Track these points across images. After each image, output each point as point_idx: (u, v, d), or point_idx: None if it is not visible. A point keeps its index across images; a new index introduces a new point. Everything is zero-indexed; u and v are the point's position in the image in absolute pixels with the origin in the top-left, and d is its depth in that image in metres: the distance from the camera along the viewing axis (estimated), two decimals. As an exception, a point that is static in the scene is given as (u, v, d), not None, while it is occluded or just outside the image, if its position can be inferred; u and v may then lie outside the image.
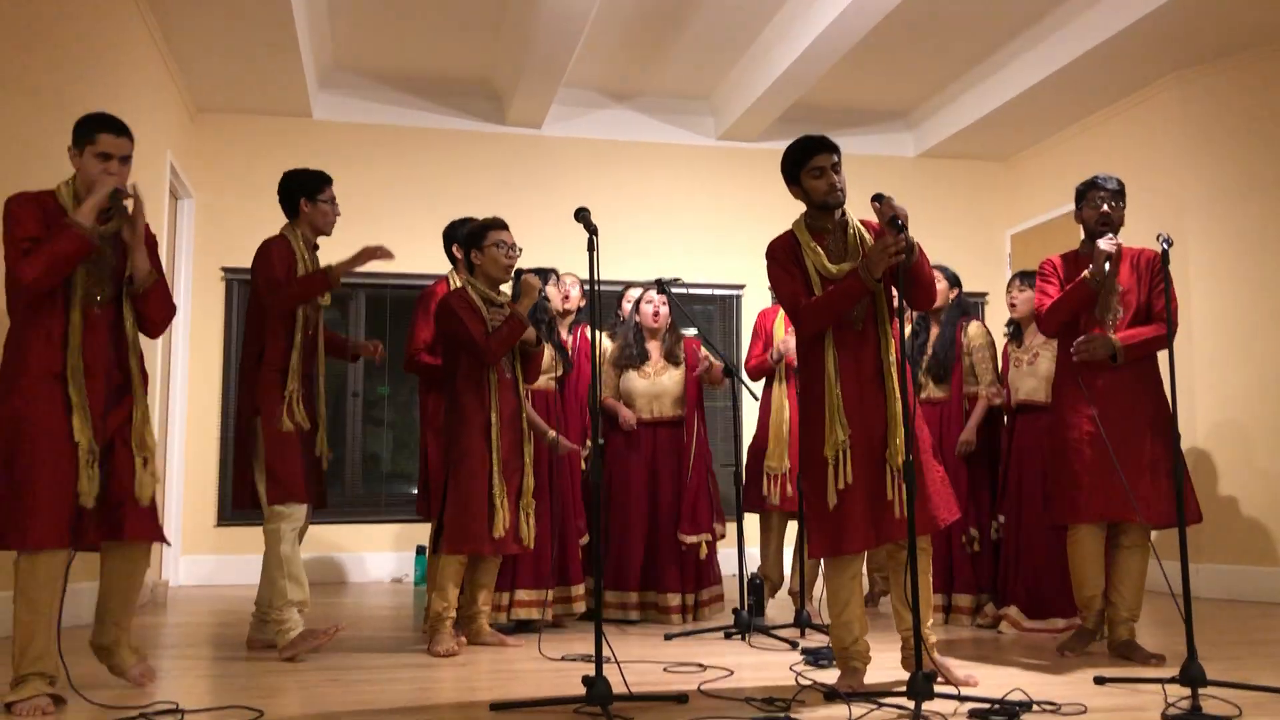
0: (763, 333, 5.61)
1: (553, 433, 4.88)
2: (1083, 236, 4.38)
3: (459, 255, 4.81)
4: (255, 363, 4.31)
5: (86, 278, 3.33)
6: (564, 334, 5.42)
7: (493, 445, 4.37)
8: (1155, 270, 4.26)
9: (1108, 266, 4.15)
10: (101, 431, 3.30)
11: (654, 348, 5.38)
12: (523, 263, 5.42)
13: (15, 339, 3.29)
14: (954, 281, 5.37)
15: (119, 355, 3.42)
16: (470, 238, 4.57)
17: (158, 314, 3.55)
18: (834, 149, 3.68)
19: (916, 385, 5.28)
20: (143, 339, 3.62)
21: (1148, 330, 4.18)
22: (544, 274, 5.18)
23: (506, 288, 4.68)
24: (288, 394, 4.23)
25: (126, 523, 3.33)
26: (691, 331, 5.50)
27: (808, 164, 3.66)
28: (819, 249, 3.63)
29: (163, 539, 3.51)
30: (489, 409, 4.41)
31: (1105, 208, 4.24)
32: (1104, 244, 4.15)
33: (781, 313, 5.60)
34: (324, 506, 4.51)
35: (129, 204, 3.44)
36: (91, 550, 3.43)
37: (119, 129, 3.43)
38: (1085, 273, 4.17)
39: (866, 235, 3.66)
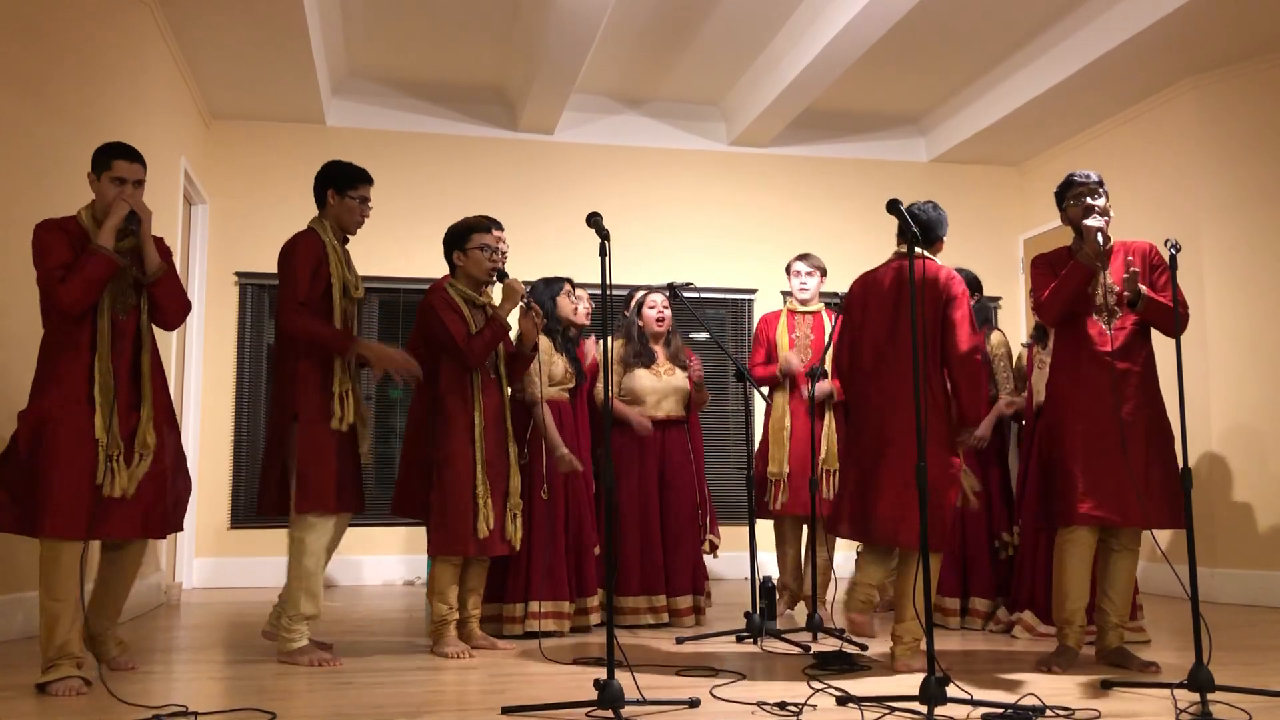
0: (764, 340, 5.60)
1: (563, 449, 4.84)
2: (1074, 237, 4.25)
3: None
4: (293, 362, 4.20)
5: (111, 290, 3.68)
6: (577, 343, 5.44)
7: (476, 446, 4.36)
8: (1153, 262, 4.16)
9: (1101, 239, 4.04)
10: (121, 430, 3.63)
11: (659, 349, 5.37)
12: (533, 268, 5.45)
13: (48, 348, 3.66)
14: (972, 286, 5.35)
15: (137, 358, 3.76)
16: (453, 238, 4.54)
17: (170, 302, 3.83)
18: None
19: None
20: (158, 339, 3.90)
21: (1166, 301, 4.02)
22: (557, 282, 5.17)
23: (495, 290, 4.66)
24: (339, 391, 4.17)
25: (132, 520, 3.68)
26: (702, 336, 5.50)
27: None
28: None
29: (161, 534, 3.82)
30: (473, 409, 4.39)
31: (1088, 200, 4.13)
32: (1092, 221, 4.05)
33: (783, 320, 5.58)
34: (360, 510, 4.39)
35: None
36: (100, 539, 3.77)
37: (132, 155, 3.76)
38: (1079, 254, 4.07)
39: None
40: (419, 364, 4.39)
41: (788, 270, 5.66)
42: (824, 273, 5.64)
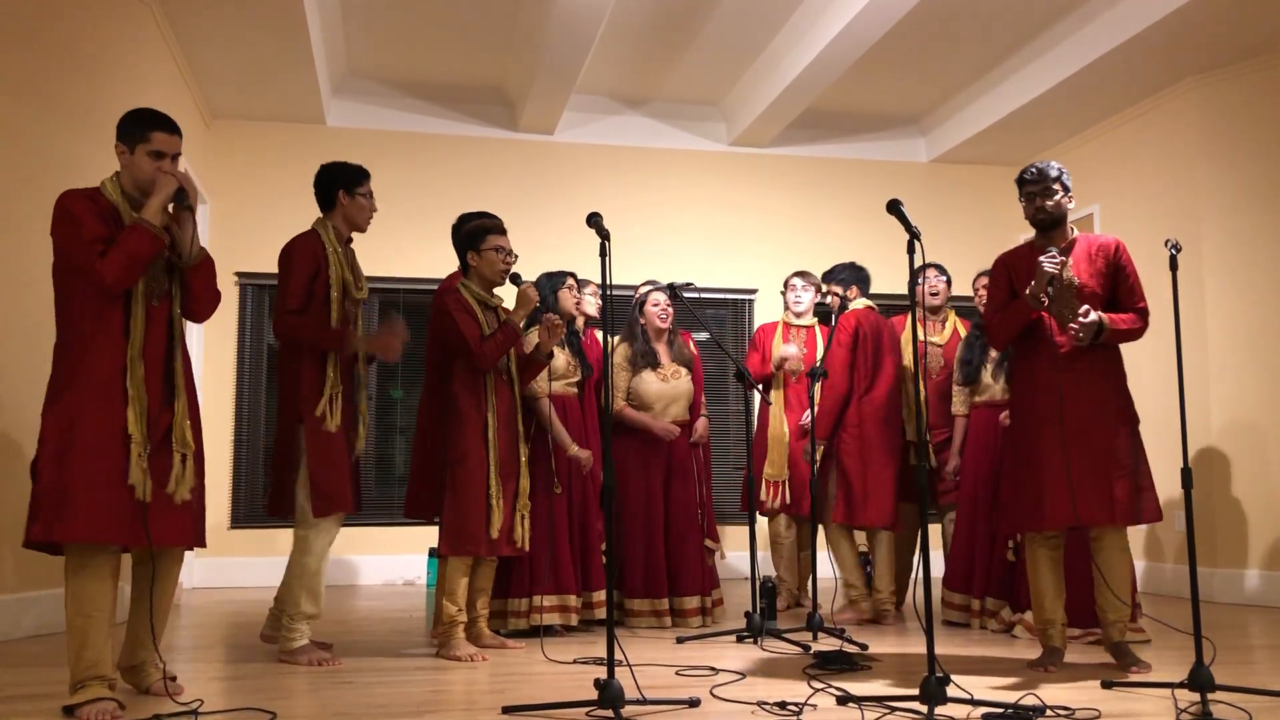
0: (761, 347, 5.72)
1: (574, 447, 4.89)
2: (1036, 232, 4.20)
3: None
4: (295, 365, 4.20)
5: (147, 273, 3.35)
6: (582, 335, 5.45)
7: (490, 446, 4.37)
8: (1119, 263, 4.07)
9: (1050, 288, 3.97)
10: (154, 428, 3.30)
11: (662, 349, 5.37)
12: (533, 267, 5.45)
13: (73, 335, 3.27)
14: None
15: (170, 349, 3.43)
16: (468, 238, 4.54)
17: (205, 291, 3.50)
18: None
19: (981, 388, 5.28)
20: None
21: (1129, 317, 4.01)
22: (559, 276, 5.17)
23: (500, 291, 4.67)
24: (329, 392, 4.15)
25: (159, 525, 3.29)
26: (703, 336, 5.52)
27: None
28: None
29: (194, 543, 3.44)
30: (486, 410, 4.41)
31: (1037, 202, 4.05)
32: (1046, 264, 3.92)
33: (779, 332, 5.70)
34: (358, 511, 4.37)
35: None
36: (140, 548, 3.39)
37: (171, 126, 3.42)
38: (1027, 292, 3.99)
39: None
40: (433, 363, 4.44)
41: (786, 284, 5.85)
42: (819, 289, 5.85)
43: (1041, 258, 3.95)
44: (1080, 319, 3.90)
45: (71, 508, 3.12)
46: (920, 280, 5.94)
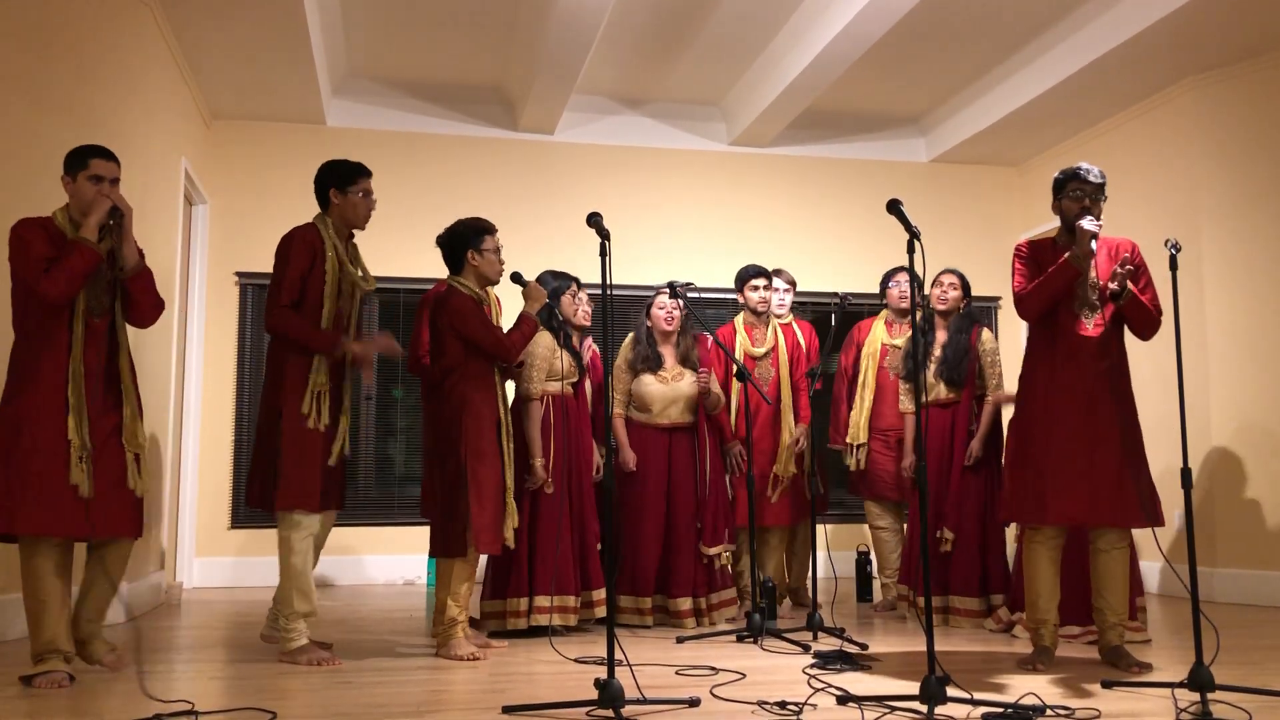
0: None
1: (540, 460, 4.86)
2: (1060, 227, 4.21)
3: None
4: (281, 358, 4.23)
5: (88, 291, 3.73)
6: (575, 343, 5.45)
7: (503, 444, 4.40)
8: (1135, 262, 4.09)
9: (1094, 244, 3.96)
10: (97, 431, 3.69)
11: (668, 352, 5.36)
12: (534, 267, 5.46)
13: (24, 348, 3.69)
14: (963, 287, 5.48)
15: (113, 359, 3.82)
16: (468, 238, 4.53)
17: (145, 297, 3.89)
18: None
19: (925, 387, 5.32)
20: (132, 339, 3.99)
21: (1150, 301, 4.04)
22: (565, 279, 5.18)
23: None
24: (313, 389, 4.18)
25: (104, 519, 3.70)
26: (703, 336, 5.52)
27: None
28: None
29: (135, 534, 3.87)
30: (498, 408, 4.43)
31: (1088, 202, 4.06)
32: (1088, 224, 3.95)
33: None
34: (341, 508, 4.41)
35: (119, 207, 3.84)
36: (84, 541, 3.83)
37: (108, 154, 3.84)
38: (1068, 254, 4.00)
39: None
40: (433, 363, 4.46)
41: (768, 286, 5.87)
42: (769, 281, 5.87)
43: (1082, 221, 3.98)
44: (1120, 268, 3.94)
45: (18, 504, 3.55)
46: (891, 285, 5.99)
